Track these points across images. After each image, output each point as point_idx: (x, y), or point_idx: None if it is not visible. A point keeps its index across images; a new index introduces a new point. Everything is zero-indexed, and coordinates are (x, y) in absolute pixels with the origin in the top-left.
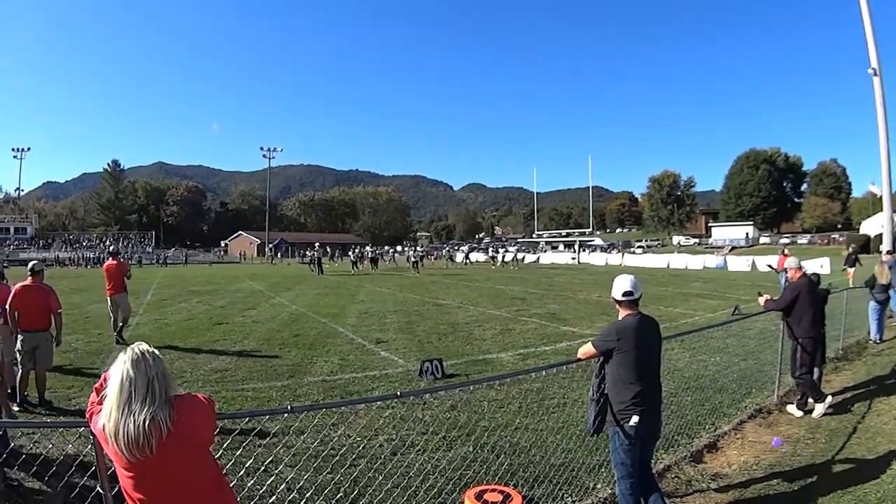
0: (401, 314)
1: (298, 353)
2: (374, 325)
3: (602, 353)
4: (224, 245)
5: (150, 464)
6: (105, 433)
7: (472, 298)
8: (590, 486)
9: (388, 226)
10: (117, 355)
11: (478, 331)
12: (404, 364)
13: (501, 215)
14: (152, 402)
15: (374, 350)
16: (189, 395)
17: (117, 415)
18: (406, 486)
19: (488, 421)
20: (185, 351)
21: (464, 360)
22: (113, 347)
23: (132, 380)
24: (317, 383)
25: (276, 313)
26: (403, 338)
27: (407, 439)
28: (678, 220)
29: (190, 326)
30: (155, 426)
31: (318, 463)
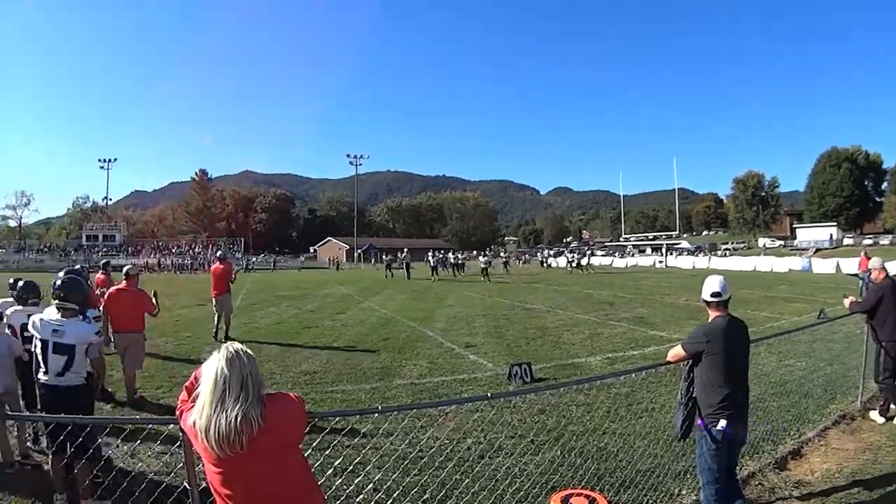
0: (490, 318)
1: (387, 357)
2: (463, 329)
3: (691, 355)
4: (313, 251)
5: (239, 460)
6: (196, 429)
7: (560, 303)
8: (675, 491)
9: (476, 231)
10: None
11: (566, 335)
12: (493, 368)
13: (588, 219)
14: (245, 400)
15: (463, 354)
16: (280, 393)
17: (209, 411)
18: (493, 489)
19: (576, 425)
20: (275, 354)
21: (552, 364)
22: (201, 349)
23: (226, 377)
24: (405, 386)
25: (366, 317)
26: (492, 342)
27: (495, 442)
28: (763, 221)
29: (279, 330)
30: (246, 423)
31: (406, 465)
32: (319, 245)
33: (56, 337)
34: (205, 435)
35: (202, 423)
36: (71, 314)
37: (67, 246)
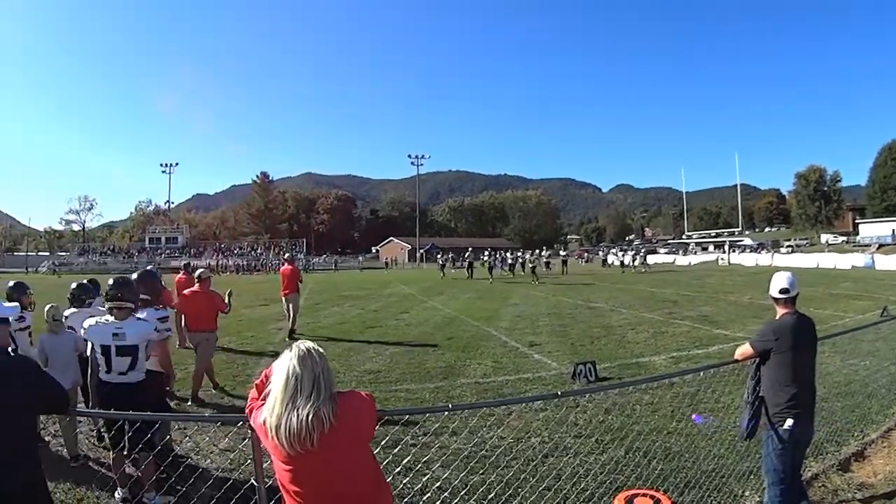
0: (554, 317)
1: (451, 356)
2: (527, 329)
3: (759, 353)
4: (375, 251)
5: (310, 458)
6: (266, 427)
7: (624, 301)
8: (738, 492)
9: (539, 229)
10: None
11: (630, 334)
12: (557, 367)
13: (651, 216)
14: (317, 398)
15: (527, 353)
16: (351, 391)
17: (280, 409)
18: (558, 489)
19: (641, 424)
20: (339, 352)
21: (616, 363)
22: (264, 348)
23: (298, 375)
24: (470, 385)
25: (429, 317)
26: (556, 341)
27: (560, 442)
28: (825, 217)
29: (343, 329)
30: (318, 420)
31: (472, 463)
32: (381, 245)
33: (118, 340)
34: (275, 433)
35: (273, 420)
36: (127, 314)
37: (131, 248)
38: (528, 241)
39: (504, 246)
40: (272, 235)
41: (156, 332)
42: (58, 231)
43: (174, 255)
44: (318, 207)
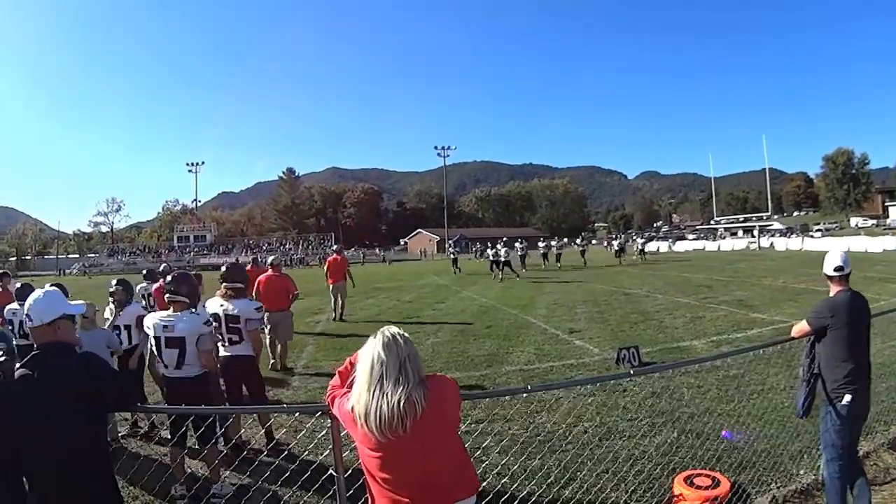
0: (590, 304)
1: (493, 344)
2: (564, 316)
3: (815, 330)
4: (403, 243)
5: (400, 444)
6: (354, 415)
7: (658, 287)
8: (793, 471)
9: (566, 218)
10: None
11: (668, 319)
12: (600, 352)
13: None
14: (405, 383)
15: (568, 339)
16: (437, 375)
17: (367, 396)
18: (615, 471)
19: (689, 407)
20: None
21: (658, 348)
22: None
23: (383, 362)
24: (515, 372)
25: (466, 306)
26: (596, 327)
27: (613, 426)
28: (854, 200)
29: (381, 321)
30: (409, 406)
31: (530, 448)
32: (409, 237)
33: (166, 332)
34: (364, 420)
35: (361, 408)
36: (181, 307)
37: (159, 248)
38: (557, 230)
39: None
40: (300, 231)
41: (205, 325)
42: (87, 233)
43: (203, 252)
44: (344, 201)
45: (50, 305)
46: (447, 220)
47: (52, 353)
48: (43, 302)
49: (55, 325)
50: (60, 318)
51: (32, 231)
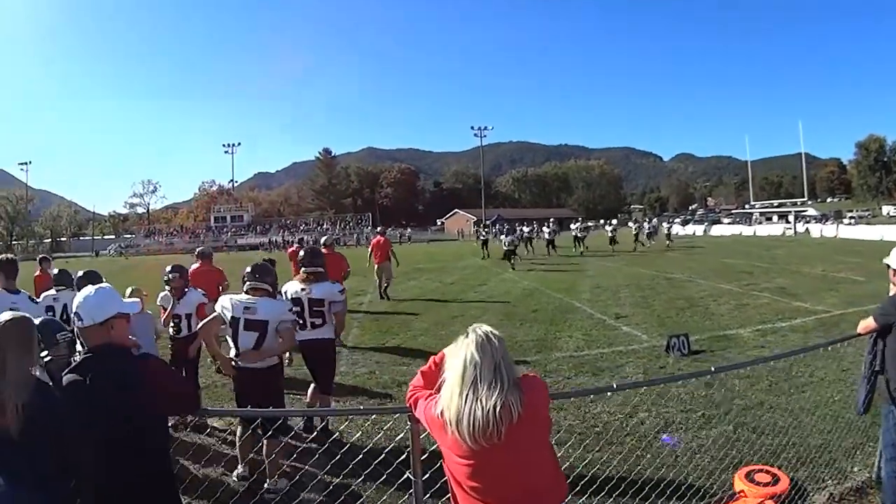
0: (634, 288)
1: (540, 329)
2: (609, 300)
3: (881, 327)
4: (440, 223)
5: (494, 451)
6: (443, 420)
7: (699, 272)
8: (847, 468)
9: (602, 199)
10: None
11: (713, 305)
12: (648, 339)
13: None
14: (501, 387)
15: (616, 325)
16: (529, 376)
17: (459, 401)
18: (673, 465)
19: (742, 399)
20: (425, 327)
21: (706, 336)
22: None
23: (476, 364)
24: (565, 359)
25: (509, 289)
26: (641, 312)
27: (669, 418)
28: (886, 188)
29: (425, 303)
30: (505, 411)
31: (587, 441)
32: (446, 217)
33: (248, 314)
34: (456, 426)
35: (452, 413)
36: (262, 294)
37: (196, 228)
38: (593, 212)
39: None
40: (337, 211)
41: (289, 312)
42: (122, 215)
43: (240, 233)
44: (381, 181)
45: (103, 303)
46: (484, 201)
47: (106, 356)
48: (95, 300)
49: (108, 325)
50: (115, 318)
51: (67, 213)
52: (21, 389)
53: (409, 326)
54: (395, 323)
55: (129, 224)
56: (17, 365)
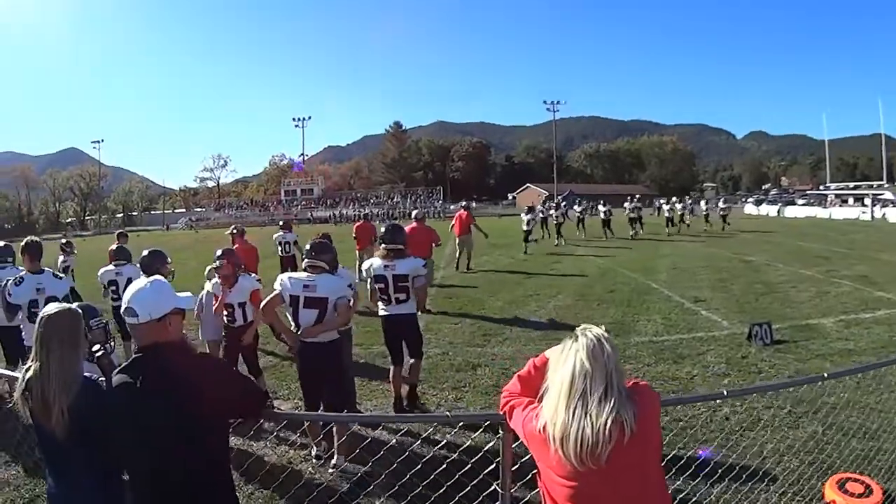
0: (711, 270)
1: (618, 311)
2: (686, 282)
3: None
4: (512, 198)
5: (600, 473)
6: (545, 435)
7: (776, 255)
8: None
9: (675, 176)
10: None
11: (793, 292)
12: (728, 326)
13: (787, 165)
14: (612, 399)
15: (695, 309)
16: (637, 384)
17: (566, 416)
18: (759, 466)
19: (829, 396)
20: (500, 306)
21: (787, 324)
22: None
23: (587, 373)
24: (645, 344)
25: (583, 267)
26: (720, 297)
27: (754, 413)
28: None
29: (499, 280)
30: (617, 428)
31: (670, 436)
32: (518, 192)
33: (307, 292)
34: (561, 444)
35: (557, 430)
36: (321, 272)
37: (266, 202)
38: (665, 189)
39: (642, 193)
40: (407, 184)
41: (349, 288)
42: (193, 189)
43: (310, 206)
44: (452, 155)
45: (160, 298)
46: (556, 176)
47: (160, 355)
48: (151, 294)
49: (166, 322)
50: (172, 313)
51: (139, 188)
52: (66, 389)
53: (482, 305)
54: (468, 301)
55: (200, 198)
56: (62, 362)
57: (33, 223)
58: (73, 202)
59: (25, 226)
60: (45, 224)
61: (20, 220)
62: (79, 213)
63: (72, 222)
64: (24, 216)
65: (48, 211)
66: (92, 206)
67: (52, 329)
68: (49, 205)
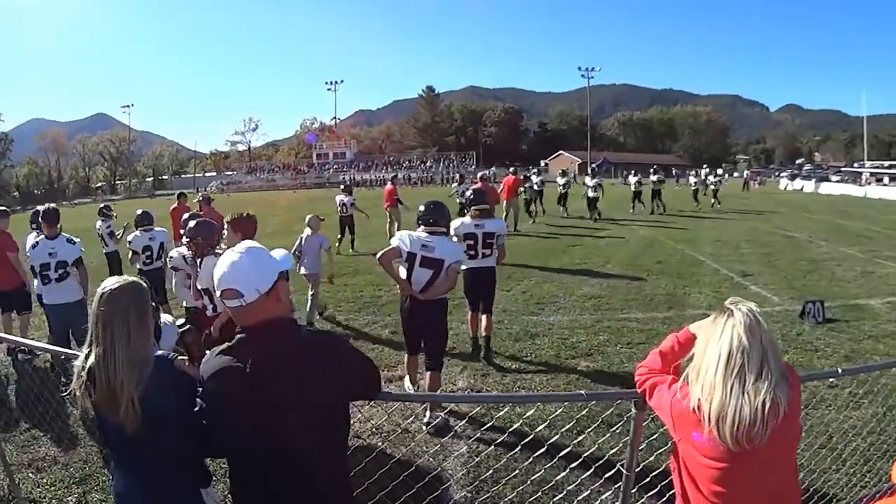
0: (755, 244)
1: (668, 282)
2: (732, 256)
3: None
4: (544, 164)
5: (751, 454)
6: (699, 415)
7: (817, 231)
8: None
9: (708, 147)
10: (713, 316)
11: (838, 270)
12: (779, 302)
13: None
14: (769, 378)
15: (743, 283)
16: (785, 363)
17: (723, 394)
18: (832, 448)
19: (885, 378)
20: (549, 275)
21: (836, 303)
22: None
23: (745, 349)
24: (698, 317)
25: (628, 235)
26: (767, 272)
27: (816, 392)
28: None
29: (545, 248)
30: (773, 408)
31: None
32: (551, 158)
33: (425, 251)
34: (717, 424)
35: (714, 408)
36: (440, 234)
37: (298, 165)
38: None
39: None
40: (440, 148)
41: (463, 254)
42: (223, 152)
43: (342, 169)
44: (484, 120)
45: (262, 267)
46: (590, 143)
47: (274, 334)
48: (251, 265)
49: (275, 293)
50: (279, 280)
51: (169, 152)
52: (137, 376)
53: (530, 274)
54: (516, 269)
55: (231, 161)
56: (129, 345)
57: (63, 188)
58: (102, 167)
59: (55, 191)
60: (76, 189)
61: (50, 186)
62: (109, 178)
63: (102, 187)
64: (53, 181)
65: (77, 176)
66: (122, 171)
67: (114, 306)
68: (79, 170)
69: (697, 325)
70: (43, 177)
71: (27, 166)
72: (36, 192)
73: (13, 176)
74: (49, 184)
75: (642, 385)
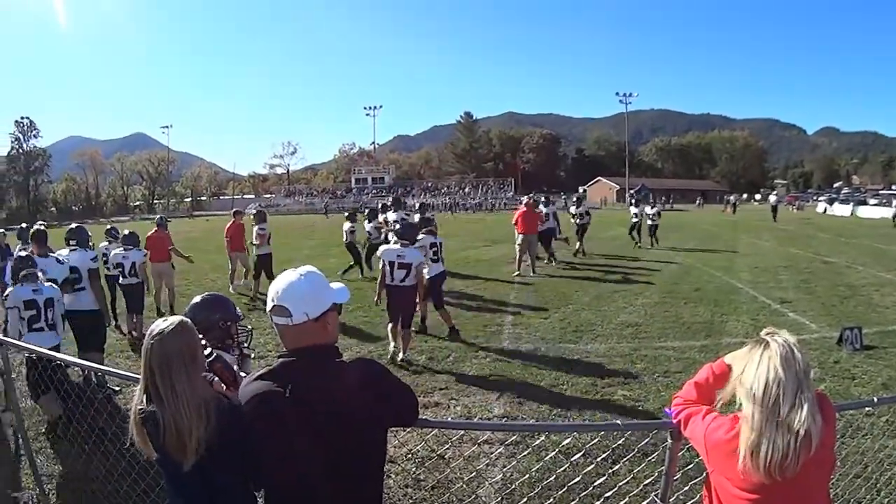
0: (793, 271)
1: (706, 310)
2: (770, 282)
3: None
4: (582, 190)
5: (784, 486)
6: (734, 446)
7: (855, 257)
8: None
9: (746, 172)
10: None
11: (876, 296)
12: (817, 329)
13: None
14: (803, 410)
15: (782, 311)
16: (820, 394)
17: (758, 426)
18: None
19: None
20: (588, 301)
21: (874, 330)
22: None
23: (781, 381)
24: (736, 345)
25: (664, 264)
26: (805, 298)
27: (852, 420)
28: None
29: (581, 274)
30: (806, 440)
31: None
32: (589, 185)
33: (399, 259)
34: (751, 455)
35: (752, 440)
36: (407, 245)
37: (336, 189)
38: (735, 185)
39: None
40: (478, 175)
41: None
42: (262, 175)
43: (380, 194)
44: (523, 146)
45: (317, 294)
46: (628, 169)
47: (317, 361)
48: (308, 288)
49: (325, 321)
50: (330, 310)
51: (207, 174)
52: (203, 417)
53: (569, 299)
54: (554, 295)
55: (269, 184)
56: (192, 386)
57: (101, 206)
58: (140, 186)
59: (93, 208)
60: (113, 207)
61: (88, 203)
62: (147, 197)
63: (139, 206)
64: (91, 199)
65: (115, 194)
66: (160, 191)
67: (171, 347)
68: (117, 188)
69: (732, 355)
70: (80, 193)
71: (65, 182)
72: (74, 209)
73: (51, 191)
74: (87, 200)
75: (678, 416)
